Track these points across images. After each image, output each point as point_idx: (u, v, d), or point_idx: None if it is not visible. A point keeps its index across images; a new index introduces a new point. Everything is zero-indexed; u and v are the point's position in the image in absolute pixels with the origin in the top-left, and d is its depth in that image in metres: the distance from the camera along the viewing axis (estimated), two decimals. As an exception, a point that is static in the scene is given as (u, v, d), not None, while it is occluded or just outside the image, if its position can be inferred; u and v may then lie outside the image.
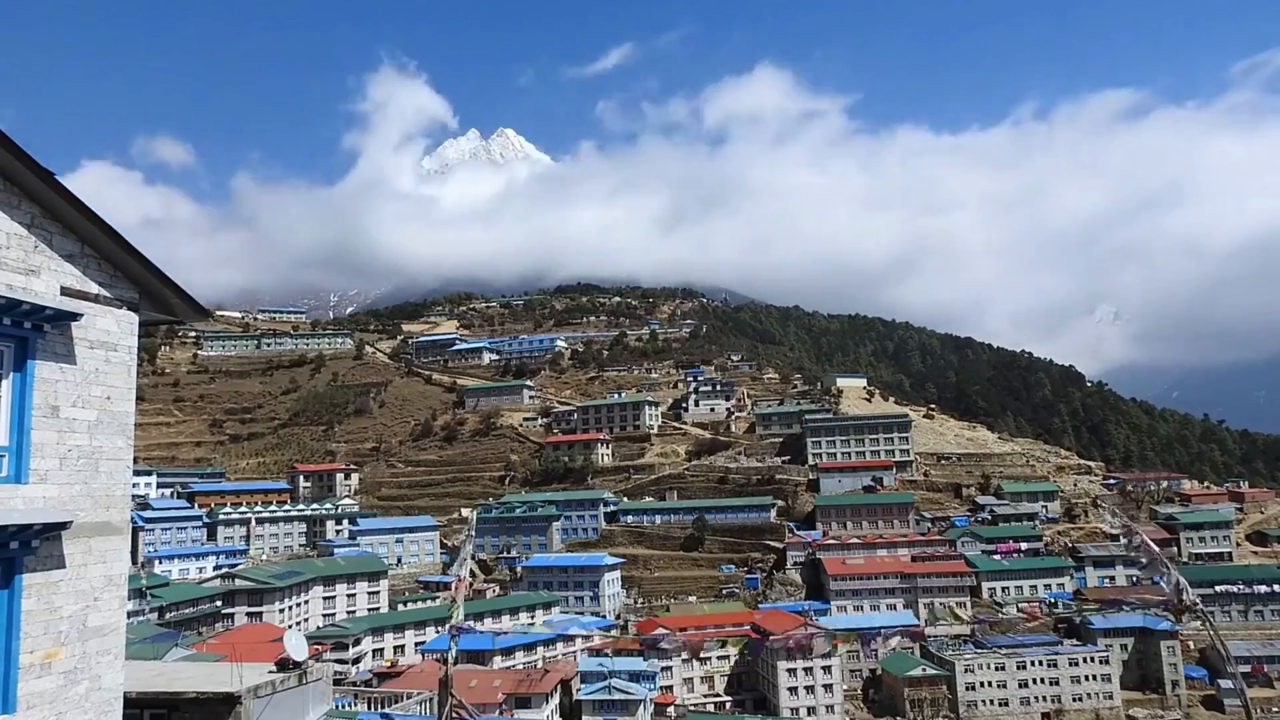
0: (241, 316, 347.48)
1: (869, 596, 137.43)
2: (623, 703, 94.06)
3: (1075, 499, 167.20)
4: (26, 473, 11.21)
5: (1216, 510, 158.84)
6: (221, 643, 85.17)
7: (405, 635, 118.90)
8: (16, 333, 11.18)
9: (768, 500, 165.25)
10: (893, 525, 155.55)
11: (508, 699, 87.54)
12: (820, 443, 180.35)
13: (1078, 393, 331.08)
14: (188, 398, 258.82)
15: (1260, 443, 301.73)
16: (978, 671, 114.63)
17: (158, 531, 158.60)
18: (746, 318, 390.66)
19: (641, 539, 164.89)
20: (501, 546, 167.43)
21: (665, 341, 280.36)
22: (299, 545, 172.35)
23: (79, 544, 11.85)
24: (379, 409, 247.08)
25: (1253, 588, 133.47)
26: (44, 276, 11.68)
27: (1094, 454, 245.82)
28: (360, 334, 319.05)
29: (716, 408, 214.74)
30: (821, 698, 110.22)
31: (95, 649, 12.03)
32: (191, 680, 19.60)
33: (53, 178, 11.37)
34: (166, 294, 13.42)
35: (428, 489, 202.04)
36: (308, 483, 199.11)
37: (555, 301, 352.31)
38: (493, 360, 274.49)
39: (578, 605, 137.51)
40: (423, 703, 34.97)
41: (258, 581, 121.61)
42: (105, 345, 12.49)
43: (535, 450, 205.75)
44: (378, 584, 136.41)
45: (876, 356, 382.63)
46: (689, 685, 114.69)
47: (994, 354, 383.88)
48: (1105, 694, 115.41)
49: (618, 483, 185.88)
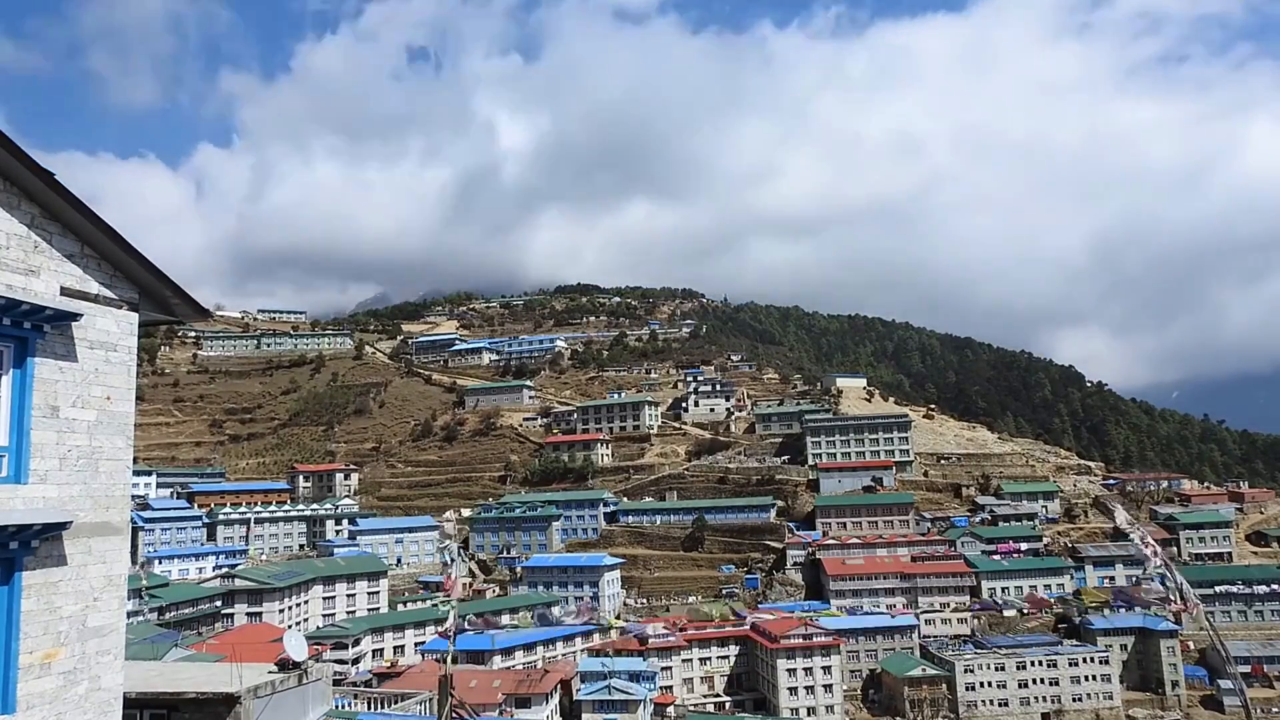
0: (241, 316, 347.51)
1: (869, 596, 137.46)
2: (623, 703, 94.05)
3: (1075, 499, 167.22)
4: (26, 473, 11.20)
5: (1216, 510, 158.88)
6: (221, 643, 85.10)
7: (405, 635, 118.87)
8: (16, 333, 11.17)
9: (767, 500, 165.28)
10: (893, 525, 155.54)
11: (507, 699, 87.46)
12: (820, 443, 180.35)
13: (1078, 393, 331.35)
14: (187, 398, 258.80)
15: (1260, 443, 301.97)
16: (977, 671, 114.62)
17: (158, 531, 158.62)
18: (746, 318, 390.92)
19: (641, 539, 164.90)
20: (501, 546, 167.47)
21: (665, 341, 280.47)
22: (299, 545, 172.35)
23: (79, 544, 11.84)
24: (379, 409, 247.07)
25: (1253, 588, 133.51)
26: (44, 277, 11.67)
27: (1094, 454, 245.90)
28: (360, 334, 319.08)
29: (716, 408, 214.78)
30: (821, 698, 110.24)
31: (95, 649, 12.02)
32: (191, 680, 19.59)
33: (53, 178, 11.36)
34: (166, 294, 13.41)
35: (427, 489, 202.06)
36: (307, 483, 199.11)
37: (555, 301, 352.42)
38: (493, 360, 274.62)
39: (578, 605, 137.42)
40: (423, 703, 34.94)
41: (257, 581, 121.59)
42: (105, 345, 12.48)
43: (535, 450, 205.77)
44: (377, 584, 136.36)
45: (876, 356, 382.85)
46: (689, 685, 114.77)
47: (994, 354, 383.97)
48: (1105, 694, 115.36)
49: (617, 483, 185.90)
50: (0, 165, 11.09)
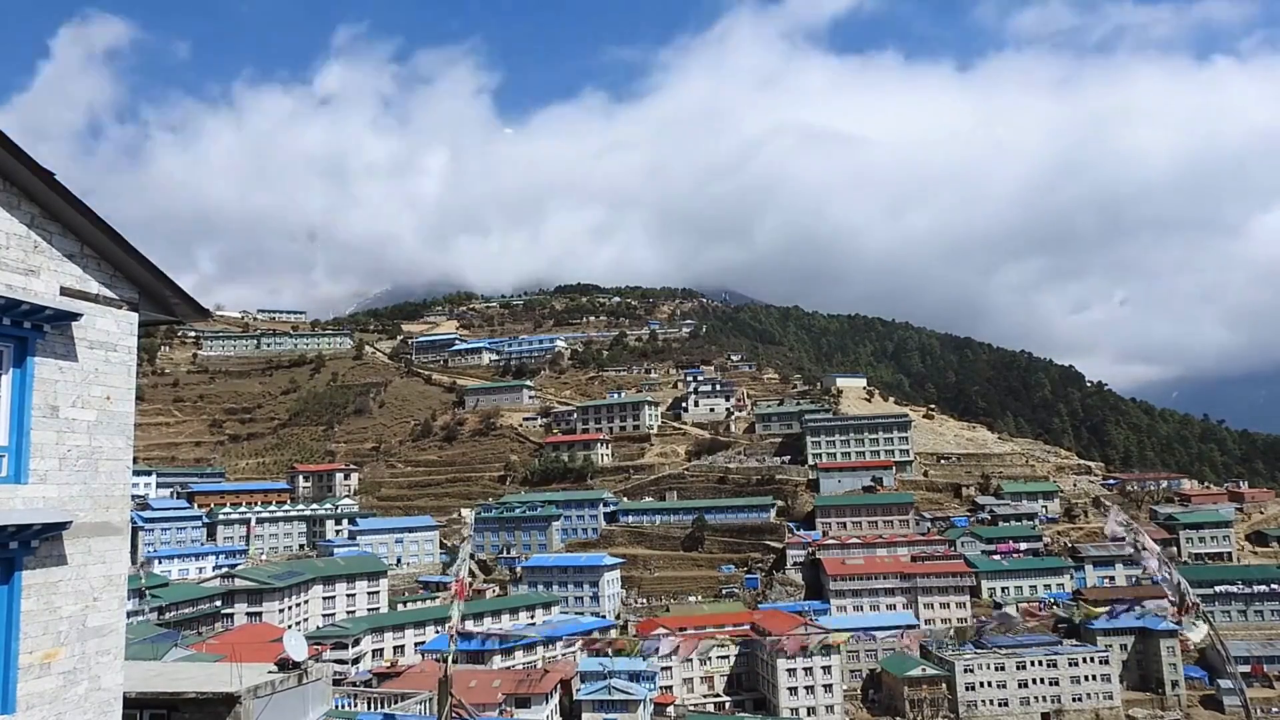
0: (241, 316, 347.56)
1: (869, 596, 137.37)
2: (622, 703, 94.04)
3: (1075, 499, 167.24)
4: (26, 473, 11.19)
5: (1216, 510, 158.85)
6: (221, 643, 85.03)
7: (405, 635, 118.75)
8: (16, 333, 11.17)
9: (767, 500, 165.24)
10: (893, 525, 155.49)
11: (508, 699, 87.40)
12: (820, 443, 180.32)
13: (1077, 393, 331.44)
14: (187, 398, 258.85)
15: (1260, 443, 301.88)
16: (977, 671, 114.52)
17: (157, 531, 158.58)
18: (746, 318, 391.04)
19: (641, 539, 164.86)
20: (501, 546, 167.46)
21: (665, 341, 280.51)
22: (299, 545, 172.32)
23: (79, 544, 11.83)
24: (379, 409, 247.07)
25: (1253, 588, 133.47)
26: (44, 276, 11.67)
27: (1094, 454, 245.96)
28: (360, 334, 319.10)
29: (716, 408, 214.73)
30: (821, 698, 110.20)
31: (95, 649, 12.02)
32: (191, 680, 19.59)
33: (53, 178, 11.36)
34: (166, 294, 13.41)
35: (427, 489, 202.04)
36: (307, 483, 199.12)
37: (555, 301, 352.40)
38: (492, 360, 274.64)
39: (578, 605, 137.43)
40: (423, 703, 34.97)
41: (257, 581, 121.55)
42: (105, 345, 12.47)
43: (535, 450, 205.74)
44: (377, 584, 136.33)
45: (876, 356, 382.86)
46: (689, 685, 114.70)
47: (994, 354, 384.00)
48: (1105, 694, 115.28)
49: (617, 483, 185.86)
50: (0, 165, 11.10)
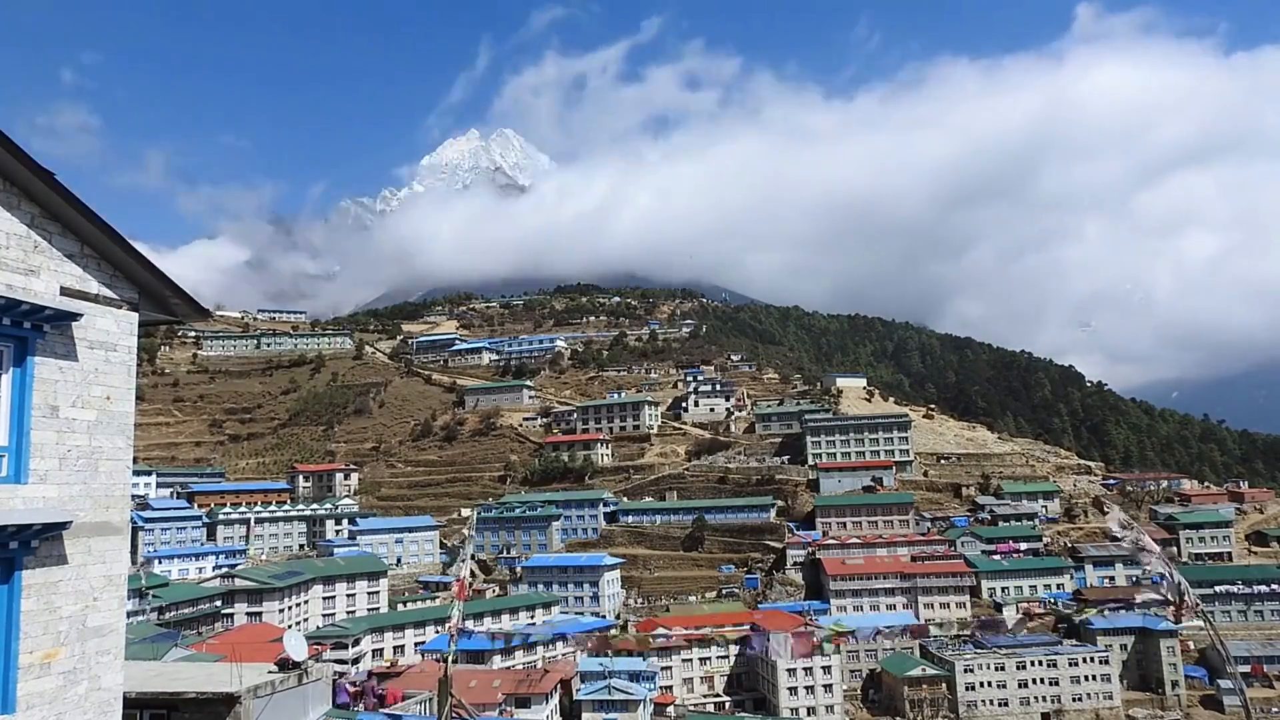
0: (241, 316, 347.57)
1: (869, 596, 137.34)
2: (622, 703, 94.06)
3: (1075, 499, 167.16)
4: (26, 473, 11.20)
5: (1216, 510, 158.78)
6: (221, 643, 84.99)
7: (405, 635, 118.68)
8: (16, 332, 11.17)
9: (767, 500, 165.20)
10: (892, 525, 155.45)
11: (508, 699, 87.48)
12: (820, 442, 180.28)
13: (1077, 393, 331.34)
14: (187, 398, 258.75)
15: (1260, 443, 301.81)
16: (977, 671, 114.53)
17: (157, 531, 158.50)
18: (746, 318, 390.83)
19: (641, 539, 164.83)
20: (501, 546, 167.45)
21: (665, 341, 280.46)
22: (299, 545, 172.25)
23: (79, 544, 11.84)
24: (379, 409, 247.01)
25: (1253, 588, 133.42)
26: (44, 276, 11.67)
27: (1094, 454, 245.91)
28: (360, 334, 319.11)
29: (716, 408, 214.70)
30: (821, 698, 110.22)
31: (95, 649, 12.02)
32: (191, 680, 19.59)
33: (53, 178, 11.37)
34: (166, 294, 13.41)
35: (427, 489, 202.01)
36: (307, 483, 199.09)
37: (555, 301, 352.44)
38: (492, 360, 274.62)
39: (578, 605, 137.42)
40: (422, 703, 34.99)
41: (257, 581, 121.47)
42: (105, 345, 12.48)
43: (535, 450, 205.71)
44: (377, 584, 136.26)
45: (876, 356, 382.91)
46: (689, 685, 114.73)
47: (994, 354, 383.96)
48: (1105, 694, 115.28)
49: (617, 483, 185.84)
50: (0, 165, 11.10)
